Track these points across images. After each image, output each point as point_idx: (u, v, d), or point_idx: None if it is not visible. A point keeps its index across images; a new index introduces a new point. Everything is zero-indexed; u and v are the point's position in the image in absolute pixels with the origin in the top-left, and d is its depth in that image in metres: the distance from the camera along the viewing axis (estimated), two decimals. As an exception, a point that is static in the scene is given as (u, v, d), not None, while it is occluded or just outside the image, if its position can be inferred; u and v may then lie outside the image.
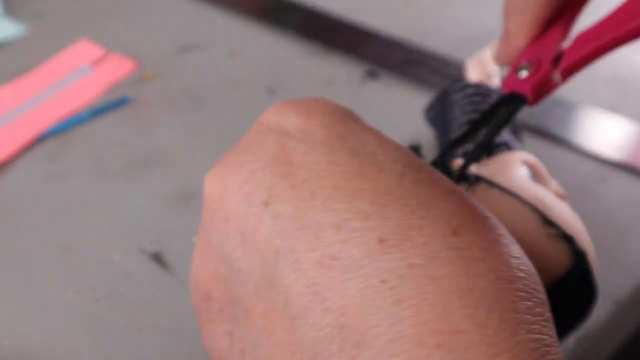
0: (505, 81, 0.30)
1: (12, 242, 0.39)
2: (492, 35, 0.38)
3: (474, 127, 0.30)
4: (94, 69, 0.52)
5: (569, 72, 0.29)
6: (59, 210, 0.40)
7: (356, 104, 0.49)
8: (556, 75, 0.29)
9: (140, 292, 0.35)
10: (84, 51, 0.53)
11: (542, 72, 0.29)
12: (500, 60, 0.32)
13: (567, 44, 0.29)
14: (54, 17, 0.59)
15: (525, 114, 0.44)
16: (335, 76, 0.50)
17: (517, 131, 0.38)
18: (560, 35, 0.29)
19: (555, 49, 0.29)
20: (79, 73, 0.51)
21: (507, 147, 0.35)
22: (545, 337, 0.17)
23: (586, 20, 0.29)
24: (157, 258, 0.37)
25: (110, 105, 0.48)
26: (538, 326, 0.17)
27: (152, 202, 0.40)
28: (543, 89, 0.29)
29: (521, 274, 0.18)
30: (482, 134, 0.29)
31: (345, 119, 0.21)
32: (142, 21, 0.58)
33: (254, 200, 0.20)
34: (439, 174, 0.20)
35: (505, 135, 0.36)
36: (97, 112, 0.47)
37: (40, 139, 0.46)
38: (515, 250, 0.19)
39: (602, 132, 0.43)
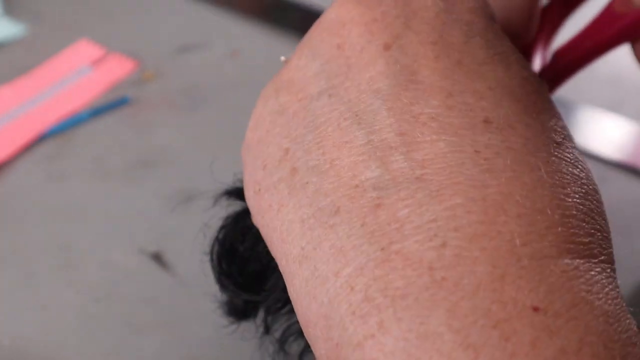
0: None
1: (12, 242, 0.39)
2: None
3: None
4: (94, 69, 0.52)
5: (556, 82, 0.29)
6: (59, 210, 0.40)
7: (356, 104, 0.48)
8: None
9: (140, 292, 0.35)
10: (84, 51, 0.53)
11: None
12: None
13: (547, 58, 0.29)
14: (54, 17, 0.59)
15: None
16: (335, 76, 0.50)
17: None
18: (540, 48, 0.29)
19: (537, 63, 0.28)
20: (79, 73, 0.51)
21: None
22: (610, 249, 0.18)
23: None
24: (157, 258, 0.37)
25: (110, 105, 0.48)
26: (607, 240, 0.18)
27: (152, 202, 0.40)
28: None
29: (598, 196, 0.19)
30: None
31: (479, 4, 0.21)
32: (142, 21, 0.58)
33: (375, 39, 0.20)
34: (539, 83, 0.21)
35: None
36: (97, 112, 0.47)
37: (40, 139, 0.46)
38: (592, 178, 0.19)
39: (602, 132, 0.43)
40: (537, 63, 0.28)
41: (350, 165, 0.18)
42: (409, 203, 0.17)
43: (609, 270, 0.17)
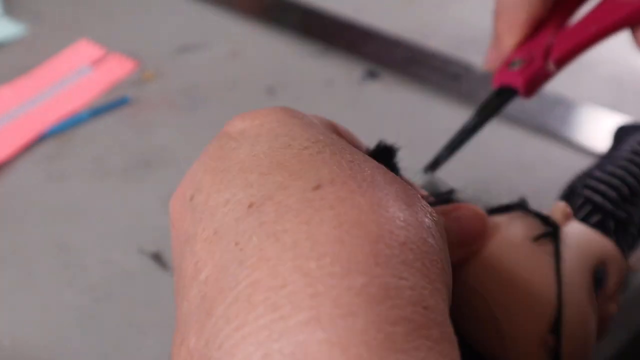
0: (496, 76, 0.30)
1: (12, 242, 0.39)
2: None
3: (465, 131, 0.29)
4: (94, 69, 0.52)
5: (561, 60, 0.30)
6: (59, 210, 0.40)
7: (356, 104, 0.49)
8: (550, 65, 0.30)
9: (140, 292, 0.35)
10: (84, 51, 0.53)
11: (535, 65, 0.29)
12: (490, 65, 0.32)
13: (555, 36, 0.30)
14: (54, 17, 0.59)
15: (526, 113, 0.44)
16: (335, 76, 0.50)
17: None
18: (550, 35, 0.30)
19: (545, 44, 0.30)
20: (79, 73, 0.51)
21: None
22: (396, 279, 0.16)
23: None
24: (157, 258, 0.37)
25: (110, 105, 0.48)
26: (386, 269, 0.16)
27: (151, 202, 0.40)
28: (537, 80, 0.30)
29: (384, 222, 0.17)
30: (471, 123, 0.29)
31: (285, 118, 0.22)
32: (142, 21, 0.58)
33: (185, 197, 0.22)
34: (350, 150, 0.20)
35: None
36: (97, 112, 0.47)
37: (40, 139, 0.46)
38: (395, 208, 0.18)
39: (603, 131, 0.43)
40: (542, 52, 0.29)
41: (178, 313, 0.20)
42: (195, 330, 0.17)
43: (378, 321, 0.16)
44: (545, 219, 0.26)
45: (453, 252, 0.21)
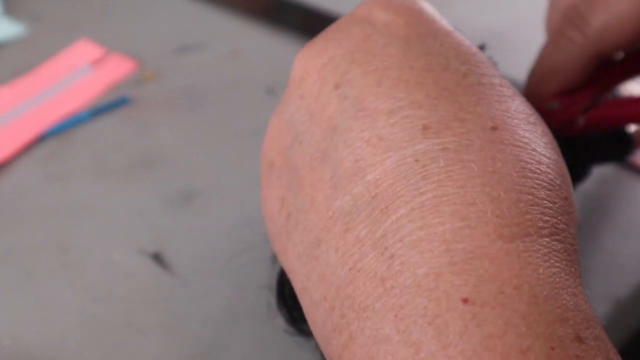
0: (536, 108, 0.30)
1: (12, 242, 0.39)
2: (494, 34, 0.38)
3: None
4: (94, 69, 0.52)
5: (592, 123, 0.30)
6: (59, 210, 0.40)
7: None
8: (581, 120, 0.30)
9: (140, 292, 0.35)
10: (83, 51, 0.53)
11: (571, 111, 0.30)
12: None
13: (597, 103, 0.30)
14: (53, 17, 0.59)
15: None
16: (335, 76, 0.50)
17: None
18: (589, 96, 0.30)
19: (584, 102, 0.30)
20: (79, 73, 0.51)
21: None
22: (557, 220, 0.19)
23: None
24: (157, 258, 0.37)
25: (110, 105, 0.48)
26: (552, 211, 0.19)
27: (152, 202, 0.40)
28: (566, 129, 0.30)
29: (549, 170, 0.20)
30: None
31: (429, 21, 0.23)
32: (142, 21, 0.58)
33: (327, 81, 0.22)
34: (502, 81, 0.22)
35: None
36: (97, 112, 0.47)
37: (40, 139, 0.46)
38: (550, 153, 0.20)
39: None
40: (581, 104, 0.30)
41: (324, 199, 0.21)
42: (367, 222, 0.19)
43: (548, 243, 0.18)
44: None
45: None
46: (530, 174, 0.19)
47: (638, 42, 0.28)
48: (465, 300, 0.16)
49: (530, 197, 0.19)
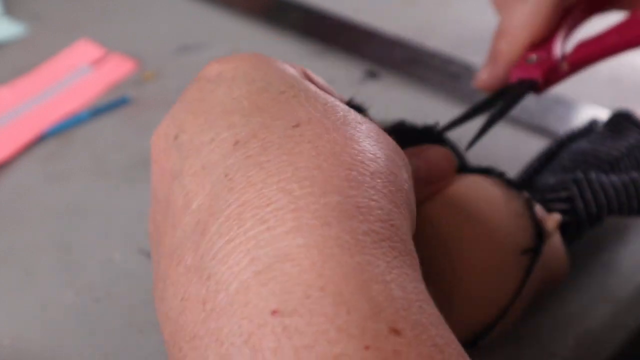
0: (514, 70, 0.31)
1: (12, 242, 0.39)
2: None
3: (474, 110, 0.31)
4: (94, 69, 0.52)
5: (575, 65, 0.31)
6: (59, 210, 0.40)
7: (356, 104, 0.48)
8: (564, 65, 0.31)
9: (140, 292, 0.35)
10: (83, 51, 0.53)
11: (552, 59, 0.30)
12: (482, 83, 0.33)
13: (569, 48, 0.31)
14: (53, 17, 0.59)
15: (526, 113, 0.44)
16: (335, 76, 0.50)
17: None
18: (559, 42, 0.31)
19: (559, 48, 0.31)
20: (79, 73, 0.51)
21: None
22: (364, 200, 0.18)
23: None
24: (157, 258, 0.37)
25: (110, 105, 0.48)
26: (356, 192, 0.18)
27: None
28: (552, 76, 0.31)
29: (357, 154, 0.20)
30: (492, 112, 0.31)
31: (259, 63, 0.24)
32: (142, 21, 0.58)
33: (169, 137, 0.23)
34: (323, 96, 0.22)
35: None
36: (97, 112, 0.47)
37: (40, 139, 0.46)
38: (370, 143, 0.20)
39: (603, 132, 0.43)
40: (557, 51, 0.31)
41: (168, 241, 0.21)
42: (192, 249, 0.19)
43: (356, 227, 0.18)
44: (537, 225, 0.28)
45: (420, 189, 0.24)
46: (331, 160, 0.19)
47: None
48: (274, 312, 0.16)
49: (331, 183, 0.18)
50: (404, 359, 0.15)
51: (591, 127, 0.35)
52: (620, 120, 0.34)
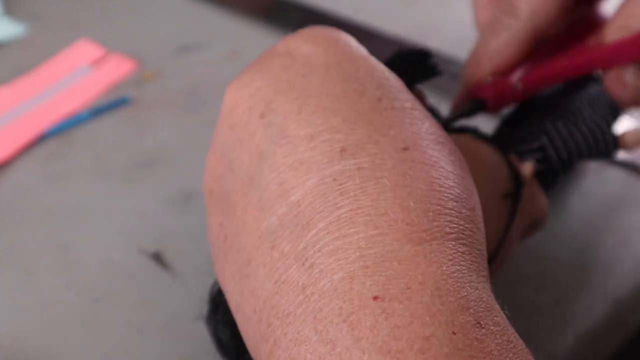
0: (472, 88, 0.34)
1: (12, 242, 0.39)
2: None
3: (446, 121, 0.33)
4: (94, 69, 0.52)
5: (529, 84, 0.33)
6: (59, 210, 0.40)
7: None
8: (518, 84, 0.33)
9: (140, 292, 0.35)
10: (83, 51, 0.53)
11: (507, 82, 0.33)
12: (454, 104, 0.35)
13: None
14: (53, 17, 0.59)
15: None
16: (335, 76, 0.50)
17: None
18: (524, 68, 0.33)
19: (515, 74, 0.33)
20: (79, 73, 0.51)
21: None
22: (463, 227, 0.21)
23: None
24: (157, 258, 0.37)
25: (110, 105, 0.48)
26: (458, 219, 0.21)
27: (152, 202, 0.40)
28: (504, 96, 0.33)
29: (455, 185, 0.21)
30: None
31: (346, 47, 0.25)
32: (142, 21, 0.58)
33: (254, 111, 0.24)
34: (414, 104, 0.23)
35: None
36: (97, 112, 0.47)
37: (40, 139, 0.46)
38: (457, 170, 0.22)
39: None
40: (514, 76, 0.33)
41: (253, 221, 0.22)
42: (290, 238, 0.21)
43: (454, 246, 0.20)
44: (515, 173, 0.30)
45: None
46: (438, 188, 0.21)
47: (564, 18, 0.33)
48: (375, 298, 0.18)
49: (438, 207, 0.20)
50: (485, 346, 0.18)
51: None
52: (581, 78, 0.37)
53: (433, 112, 0.31)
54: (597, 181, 0.40)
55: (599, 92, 0.34)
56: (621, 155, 0.41)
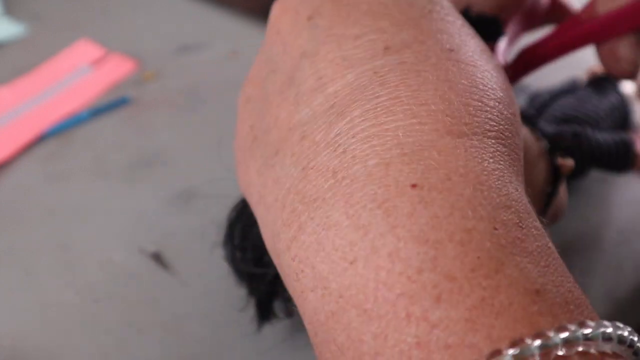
0: None
1: (12, 242, 0.39)
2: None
3: None
4: (94, 69, 0.52)
5: (515, 70, 0.32)
6: (59, 210, 0.40)
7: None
8: (507, 72, 0.32)
9: (140, 292, 0.35)
10: (83, 51, 0.53)
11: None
12: None
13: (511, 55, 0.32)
14: (53, 17, 0.59)
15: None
16: (335, 76, 0.50)
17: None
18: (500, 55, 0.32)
19: (499, 58, 0.32)
20: (79, 73, 0.51)
21: None
22: (503, 128, 0.20)
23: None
24: (157, 258, 0.37)
25: (110, 105, 0.48)
26: (499, 119, 0.20)
27: (152, 202, 0.40)
28: None
29: (497, 88, 0.21)
30: None
31: None
32: (142, 21, 0.58)
33: (300, 15, 0.23)
34: (464, 22, 0.23)
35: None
36: (97, 112, 0.47)
37: (40, 139, 0.46)
38: (501, 77, 0.22)
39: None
40: (500, 59, 0.32)
41: (287, 115, 0.22)
42: (323, 127, 0.20)
43: (494, 144, 0.19)
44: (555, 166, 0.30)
45: None
46: (481, 87, 0.20)
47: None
48: (413, 186, 0.17)
49: (479, 103, 0.20)
50: (525, 246, 0.17)
51: (574, 85, 0.38)
52: (601, 82, 0.36)
53: None
54: (597, 181, 0.40)
55: (619, 101, 0.34)
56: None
